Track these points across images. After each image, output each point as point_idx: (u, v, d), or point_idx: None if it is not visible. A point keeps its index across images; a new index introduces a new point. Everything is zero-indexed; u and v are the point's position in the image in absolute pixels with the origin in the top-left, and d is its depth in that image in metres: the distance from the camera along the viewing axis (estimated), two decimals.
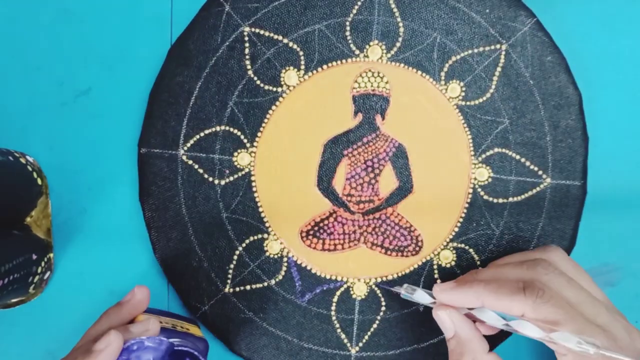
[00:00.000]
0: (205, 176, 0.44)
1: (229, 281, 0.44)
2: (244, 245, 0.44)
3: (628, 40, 0.44)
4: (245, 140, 0.44)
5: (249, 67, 0.43)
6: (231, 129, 0.44)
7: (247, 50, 0.43)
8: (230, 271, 0.44)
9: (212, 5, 0.43)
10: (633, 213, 0.45)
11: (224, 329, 0.44)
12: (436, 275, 0.44)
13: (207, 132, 0.44)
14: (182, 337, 0.38)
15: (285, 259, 0.44)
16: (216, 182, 0.44)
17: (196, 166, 0.44)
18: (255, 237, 0.44)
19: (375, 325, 0.44)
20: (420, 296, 0.38)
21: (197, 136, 0.44)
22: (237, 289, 0.44)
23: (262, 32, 0.43)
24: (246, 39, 0.43)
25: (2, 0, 0.45)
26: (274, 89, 0.44)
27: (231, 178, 0.44)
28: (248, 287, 0.44)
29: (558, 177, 0.43)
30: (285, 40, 0.43)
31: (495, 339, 0.42)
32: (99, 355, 0.33)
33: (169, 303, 0.45)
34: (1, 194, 0.40)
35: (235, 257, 0.44)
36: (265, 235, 0.44)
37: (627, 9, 0.44)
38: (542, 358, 0.45)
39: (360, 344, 0.44)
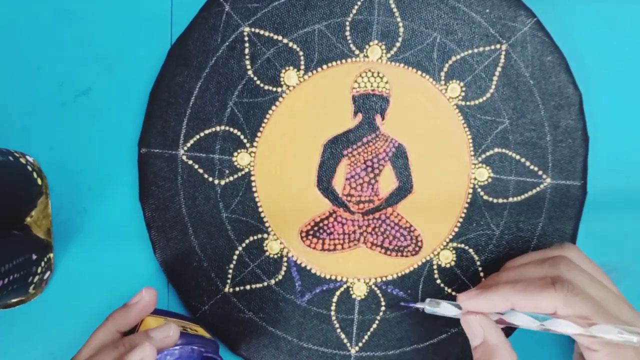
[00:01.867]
0: (205, 176, 0.44)
1: (228, 281, 0.44)
2: (243, 245, 0.44)
3: (628, 40, 0.44)
4: (245, 140, 0.44)
5: (248, 67, 0.44)
6: (231, 129, 0.44)
7: (247, 50, 0.43)
8: (230, 271, 0.44)
9: (212, 5, 0.43)
10: (633, 213, 0.44)
11: (224, 329, 0.44)
12: (436, 275, 0.44)
13: (207, 132, 0.44)
14: (200, 340, 0.39)
15: (285, 259, 0.44)
16: (216, 182, 0.44)
17: (196, 166, 0.44)
18: (255, 237, 0.44)
19: (375, 325, 0.44)
20: (445, 308, 0.38)
21: (197, 136, 0.44)
22: (237, 288, 0.44)
23: (262, 32, 0.43)
24: (246, 39, 0.43)
25: (2, 0, 0.45)
26: (274, 89, 0.44)
27: (231, 178, 0.44)
28: (248, 287, 0.44)
29: (558, 177, 0.43)
30: (285, 40, 0.43)
31: None
32: None
33: (169, 303, 0.45)
34: (1, 194, 0.40)
35: (235, 257, 0.44)
36: (265, 235, 0.44)
37: (627, 9, 0.44)
38: (542, 357, 0.45)
39: (360, 344, 0.44)
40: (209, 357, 0.38)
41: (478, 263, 0.44)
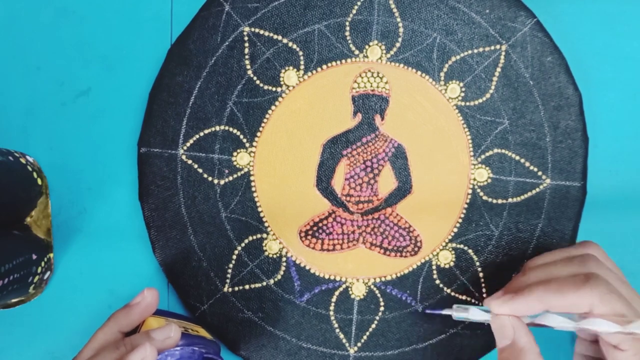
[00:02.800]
0: (205, 176, 0.44)
1: (227, 281, 0.44)
2: (243, 245, 0.44)
3: (628, 40, 0.44)
4: (244, 140, 0.44)
5: (248, 67, 0.44)
6: (230, 129, 0.44)
7: (246, 50, 0.43)
8: (230, 271, 0.44)
9: (212, 5, 0.43)
10: (633, 213, 0.44)
11: (223, 328, 0.44)
12: (435, 276, 0.44)
13: (206, 131, 0.44)
14: (201, 341, 0.39)
15: (284, 259, 0.44)
16: (215, 181, 0.44)
17: (195, 166, 0.44)
18: (254, 237, 0.44)
19: (374, 325, 0.44)
20: (474, 314, 0.37)
21: (197, 136, 0.44)
22: (236, 288, 0.44)
23: (261, 32, 0.43)
24: (246, 38, 0.43)
25: (2, 1, 0.45)
26: (274, 89, 0.44)
27: (230, 178, 0.44)
28: (247, 287, 0.44)
29: (558, 178, 0.43)
30: (285, 40, 0.43)
31: None
32: None
33: (168, 302, 0.45)
34: (1, 194, 0.40)
35: (234, 257, 0.44)
36: (264, 235, 0.44)
37: (627, 9, 0.44)
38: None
39: (359, 344, 0.44)
40: (210, 358, 0.38)
41: (477, 263, 0.44)
